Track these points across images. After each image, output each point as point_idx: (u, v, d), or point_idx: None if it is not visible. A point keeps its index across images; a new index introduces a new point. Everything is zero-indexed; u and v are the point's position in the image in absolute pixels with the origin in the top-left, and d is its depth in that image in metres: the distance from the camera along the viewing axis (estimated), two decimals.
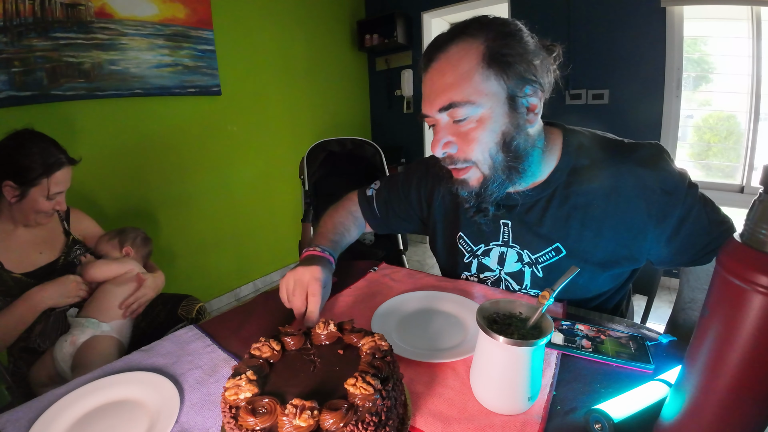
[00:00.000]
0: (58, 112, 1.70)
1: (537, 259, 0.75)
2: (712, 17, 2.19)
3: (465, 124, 0.66)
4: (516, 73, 0.63)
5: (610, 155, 0.71)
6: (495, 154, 0.67)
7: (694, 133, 2.41)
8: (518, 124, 0.66)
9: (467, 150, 0.67)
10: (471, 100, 0.63)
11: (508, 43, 0.63)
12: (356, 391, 0.40)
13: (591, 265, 0.72)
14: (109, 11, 1.80)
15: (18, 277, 0.98)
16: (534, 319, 0.47)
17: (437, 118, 0.68)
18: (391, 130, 3.61)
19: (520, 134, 0.67)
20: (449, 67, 0.64)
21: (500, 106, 0.65)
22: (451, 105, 0.64)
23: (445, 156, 0.69)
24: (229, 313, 0.77)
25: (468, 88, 0.63)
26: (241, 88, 2.47)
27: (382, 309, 0.72)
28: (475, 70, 0.63)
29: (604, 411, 0.43)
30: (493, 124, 0.65)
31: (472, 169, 0.69)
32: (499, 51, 0.63)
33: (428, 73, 0.68)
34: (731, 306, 0.32)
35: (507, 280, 0.80)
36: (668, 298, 2.44)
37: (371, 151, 2.17)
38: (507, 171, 0.68)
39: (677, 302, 0.79)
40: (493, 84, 0.63)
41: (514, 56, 0.63)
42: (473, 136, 0.66)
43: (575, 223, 0.71)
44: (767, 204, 0.31)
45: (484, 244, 0.81)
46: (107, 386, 0.55)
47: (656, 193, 0.66)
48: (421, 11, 3.17)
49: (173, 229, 2.21)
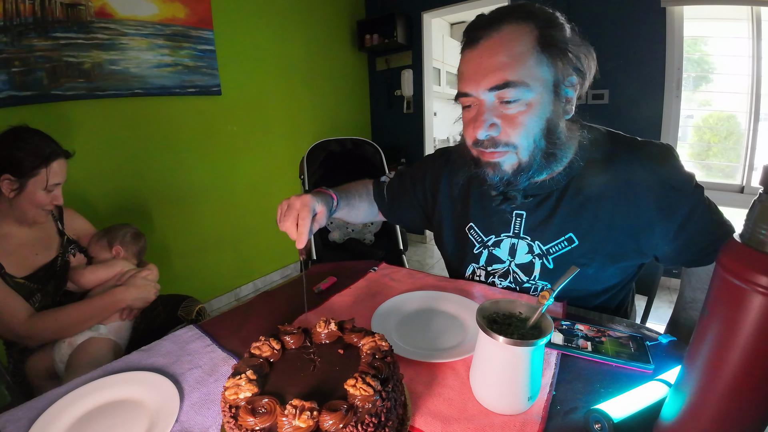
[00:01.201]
0: (58, 112, 1.70)
1: (548, 250, 0.76)
2: (712, 17, 2.19)
3: (513, 106, 0.64)
4: (567, 61, 0.64)
5: (624, 150, 0.72)
6: (538, 140, 0.67)
7: (694, 133, 2.41)
8: (559, 113, 0.67)
9: (511, 133, 0.66)
10: (525, 81, 0.62)
11: (560, 31, 0.64)
12: (356, 392, 0.40)
13: (601, 256, 0.72)
14: (109, 11, 1.80)
15: (21, 282, 0.98)
16: (534, 319, 0.47)
17: (482, 99, 0.66)
18: (391, 130, 3.61)
19: (561, 123, 0.68)
20: (503, 46, 0.63)
21: (548, 93, 0.65)
22: (506, 84, 0.63)
23: (486, 138, 0.68)
24: (229, 313, 0.77)
25: (522, 69, 0.62)
26: (241, 88, 2.47)
27: (382, 309, 0.72)
28: (530, 53, 0.62)
29: (604, 411, 0.43)
30: (541, 110, 0.65)
31: (509, 154, 0.68)
32: (554, 37, 0.63)
33: (476, 50, 0.66)
34: (731, 306, 0.32)
35: (516, 272, 0.80)
36: (668, 298, 2.44)
37: (371, 151, 2.17)
38: (546, 158, 0.68)
39: (678, 302, 0.80)
40: (544, 69, 0.63)
41: (567, 44, 0.64)
42: (520, 120, 0.65)
43: (588, 215, 0.72)
44: (767, 204, 0.31)
45: (494, 235, 0.81)
46: (107, 386, 0.55)
47: (666, 188, 0.67)
48: (421, 11, 3.16)
49: (173, 229, 2.21)
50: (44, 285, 1.03)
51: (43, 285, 1.03)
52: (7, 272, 0.96)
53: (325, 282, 0.85)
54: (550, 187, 0.75)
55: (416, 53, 3.28)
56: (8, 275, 0.96)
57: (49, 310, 0.99)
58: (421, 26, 3.20)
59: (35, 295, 1.01)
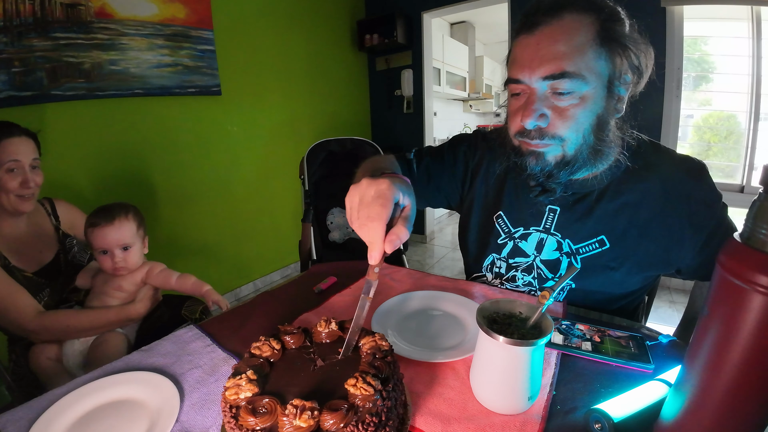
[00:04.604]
0: (58, 112, 1.70)
1: (578, 249, 0.75)
2: (712, 17, 2.19)
3: (566, 98, 0.62)
4: (626, 57, 0.62)
5: (665, 161, 0.71)
6: (587, 135, 0.65)
7: (694, 132, 2.42)
8: (610, 110, 0.65)
9: (560, 126, 0.64)
10: (582, 74, 0.61)
11: (621, 26, 0.62)
12: (356, 391, 0.40)
13: (630, 263, 0.72)
14: (109, 11, 1.81)
15: (30, 277, 0.99)
16: (534, 318, 0.47)
17: (534, 87, 0.64)
18: (391, 130, 3.61)
19: (611, 121, 0.66)
20: (563, 35, 0.61)
21: (602, 88, 0.63)
22: (564, 74, 0.61)
23: (534, 128, 0.65)
24: (229, 313, 0.77)
25: (581, 61, 0.60)
26: (241, 88, 2.47)
27: (382, 309, 0.72)
28: (589, 45, 0.61)
29: (604, 411, 0.43)
30: (593, 105, 0.63)
31: (554, 146, 0.67)
32: (615, 31, 0.61)
33: (534, 36, 0.63)
34: (731, 306, 0.33)
35: (540, 268, 0.78)
36: (668, 298, 2.44)
37: (371, 151, 2.17)
38: (592, 155, 0.67)
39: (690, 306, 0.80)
40: (602, 64, 0.62)
41: (627, 40, 0.61)
42: (572, 113, 0.63)
43: (623, 220, 0.72)
44: (767, 204, 0.31)
45: (523, 227, 0.80)
46: (107, 386, 0.55)
47: (699, 203, 0.67)
48: (421, 11, 3.17)
49: (173, 229, 2.21)
50: (52, 280, 1.04)
51: (52, 280, 1.03)
52: (16, 266, 0.96)
53: (325, 282, 0.85)
54: (591, 186, 0.73)
55: (416, 53, 3.28)
56: (17, 269, 0.96)
57: (60, 311, 0.99)
58: (421, 26, 3.20)
59: (44, 290, 1.01)
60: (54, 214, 1.14)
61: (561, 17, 0.61)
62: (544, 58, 0.61)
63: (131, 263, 1.06)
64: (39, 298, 0.99)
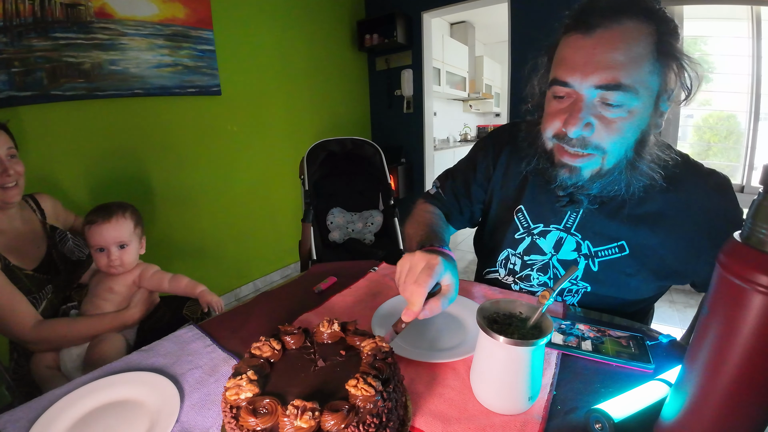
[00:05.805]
0: (58, 112, 1.70)
1: (597, 252, 0.74)
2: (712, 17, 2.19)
3: (615, 110, 0.60)
4: (680, 74, 0.59)
5: (691, 173, 0.70)
6: (629, 150, 0.63)
7: (694, 132, 2.42)
8: (653, 126, 0.63)
9: (605, 138, 0.62)
10: (636, 88, 0.58)
11: (677, 40, 0.59)
12: (357, 392, 0.40)
13: (647, 271, 0.71)
14: (109, 11, 1.80)
15: (30, 274, 0.99)
16: (534, 319, 0.47)
17: (582, 93, 0.61)
18: (391, 130, 3.61)
19: (652, 137, 0.64)
20: (623, 43, 0.57)
21: (650, 104, 0.61)
22: (618, 86, 0.57)
23: (577, 137, 0.63)
24: (229, 313, 0.77)
25: (636, 74, 0.57)
26: (241, 88, 2.47)
27: (382, 309, 0.72)
28: (647, 58, 0.57)
29: (605, 411, 0.43)
30: (640, 121, 0.61)
31: (595, 158, 0.64)
32: (672, 45, 0.58)
33: (591, 39, 0.59)
34: (731, 306, 0.33)
35: (556, 267, 0.77)
36: (668, 298, 2.44)
37: (371, 151, 2.17)
38: (629, 170, 0.65)
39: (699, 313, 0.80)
40: (654, 78, 0.59)
41: (683, 57, 0.58)
42: (619, 126, 0.60)
43: (645, 228, 0.71)
44: (767, 203, 0.31)
45: (543, 224, 0.78)
46: (107, 386, 0.55)
47: (721, 219, 0.66)
48: (421, 11, 3.17)
49: (173, 229, 2.21)
50: (54, 276, 1.04)
51: (53, 276, 1.03)
52: (16, 266, 0.96)
53: (325, 282, 0.85)
54: (615, 192, 0.70)
55: (416, 53, 3.28)
56: (17, 267, 0.96)
57: (57, 320, 0.99)
58: (421, 26, 3.20)
59: (46, 287, 1.01)
60: (39, 209, 1.14)
61: (621, 22, 0.57)
62: (600, 65, 0.58)
63: (127, 262, 1.06)
64: (42, 295, 0.99)
